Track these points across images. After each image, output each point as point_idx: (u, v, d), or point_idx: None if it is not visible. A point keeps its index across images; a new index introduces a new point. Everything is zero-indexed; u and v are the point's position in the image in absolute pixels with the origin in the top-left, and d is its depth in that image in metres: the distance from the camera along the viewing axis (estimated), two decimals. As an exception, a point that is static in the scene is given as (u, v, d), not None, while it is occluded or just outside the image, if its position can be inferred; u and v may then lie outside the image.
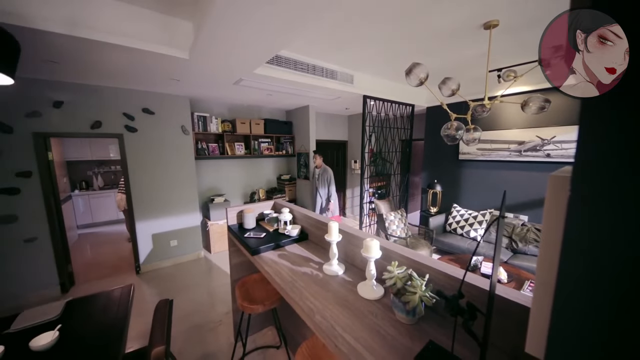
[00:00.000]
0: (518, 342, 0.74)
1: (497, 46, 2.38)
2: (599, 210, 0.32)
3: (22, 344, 1.25)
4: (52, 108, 2.81)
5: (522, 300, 0.76)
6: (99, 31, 1.80)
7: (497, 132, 3.86)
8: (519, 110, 3.54)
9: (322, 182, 3.93)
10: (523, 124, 3.62)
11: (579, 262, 0.33)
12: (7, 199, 2.67)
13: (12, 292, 2.77)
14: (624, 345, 0.30)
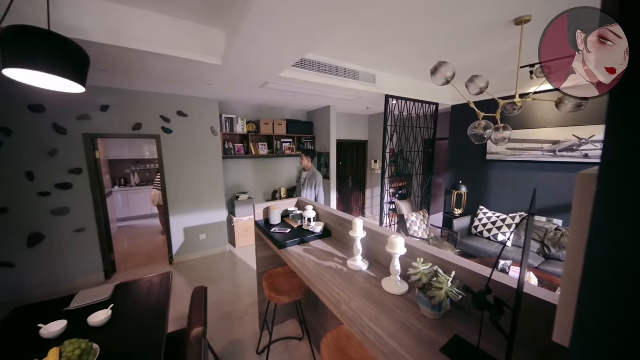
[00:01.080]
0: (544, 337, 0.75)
1: (529, 42, 2.28)
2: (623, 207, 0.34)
3: (80, 319, 1.44)
4: (99, 111, 3.13)
5: (549, 298, 0.77)
6: (143, 41, 1.99)
7: (529, 131, 3.67)
8: (553, 108, 3.32)
9: (309, 186, 3.40)
10: (558, 123, 3.41)
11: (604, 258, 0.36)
12: (61, 193, 3.01)
13: (65, 276, 3.13)
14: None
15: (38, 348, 1.23)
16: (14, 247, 2.84)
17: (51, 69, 0.84)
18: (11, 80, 2.62)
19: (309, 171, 3.46)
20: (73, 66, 0.91)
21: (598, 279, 0.36)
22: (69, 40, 0.88)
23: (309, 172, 3.46)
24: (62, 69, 0.87)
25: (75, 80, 0.93)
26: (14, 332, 1.39)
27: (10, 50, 0.80)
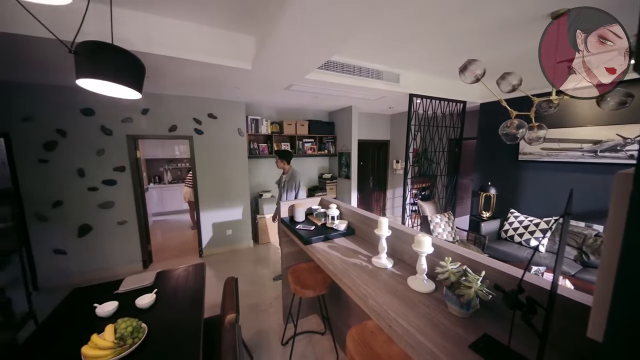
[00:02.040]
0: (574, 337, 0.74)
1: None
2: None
3: (128, 301, 1.60)
4: (140, 114, 3.41)
5: (581, 298, 0.75)
6: (181, 50, 2.15)
7: (567, 130, 3.43)
8: (594, 106, 3.09)
9: (289, 188, 3.19)
10: (599, 121, 3.16)
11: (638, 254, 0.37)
12: (107, 189, 3.33)
13: (108, 264, 3.45)
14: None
15: (94, 324, 1.40)
16: (67, 237, 3.20)
17: (116, 79, 0.97)
18: (66, 87, 2.91)
19: (288, 173, 3.25)
20: (133, 75, 1.04)
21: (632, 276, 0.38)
22: (129, 53, 1.01)
23: (287, 175, 3.25)
24: (125, 78, 1.00)
25: (134, 88, 1.06)
26: (74, 309, 1.58)
27: (83, 63, 0.94)
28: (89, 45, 0.93)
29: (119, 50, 0.98)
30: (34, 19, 1.23)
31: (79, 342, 1.22)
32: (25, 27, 1.62)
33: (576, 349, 0.75)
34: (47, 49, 1.94)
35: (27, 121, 2.90)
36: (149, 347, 1.25)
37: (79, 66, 0.95)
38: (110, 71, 0.95)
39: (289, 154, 3.30)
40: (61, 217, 3.12)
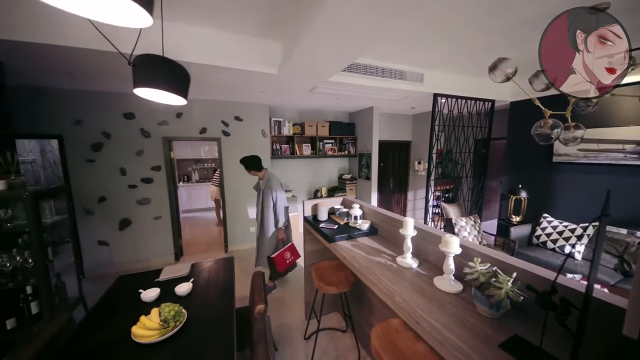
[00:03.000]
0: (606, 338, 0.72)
1: (610, 29, 2.02)
2: None
3: (168, 289, 1.75)
4: (175, 118, 3.67)
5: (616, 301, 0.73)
6: (212, 57, 2.28)
7: (607, 129, 3.19)
8: (637, 104, 2.86)
9: (267, 193, 2.92)
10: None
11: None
12: (145, 187, 3.61)
13: (143, 256, 3.73)
14: None
15: (139, 308, 1.55)
16: (109, 230, 3.51)
17: (167, 87, 1.09)
18: (111, 93, 3.17)
19: (264, 179, 2.99)
20: (180, 84, 1.16)
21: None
22: (177, 63, 1.13)
23: (264, 181, 2.99)
24: (174, 87, 1.12)
25: (181, 95, 1.18)
26: (121, 294, 1.76)
27: (140, 74, 1.06)
28: (145, 58, 1.06)
29: (169, 61, 1.10)
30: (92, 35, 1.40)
31: (128, 322, 1.37)
32: (90, 42, 1.83)
33: (608, 350, 0.73)
34: (102, 60, 2.16)
35: (77, 124, 3.23)
36: (189, 330, 1.37)
37: (136, 77, 1.08)
38: (162, 81, 1.07)
39: (254, 161, 2.94)
40: (105, 212, 3.44)
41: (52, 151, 4.71)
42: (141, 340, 1.25)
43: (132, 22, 0.52)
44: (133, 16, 0.51)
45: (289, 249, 3.01)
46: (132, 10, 0.48)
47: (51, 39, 1.78)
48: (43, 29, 1.76)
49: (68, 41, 1.80)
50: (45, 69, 2.43)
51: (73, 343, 1.31)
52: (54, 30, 1.77)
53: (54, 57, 2.08)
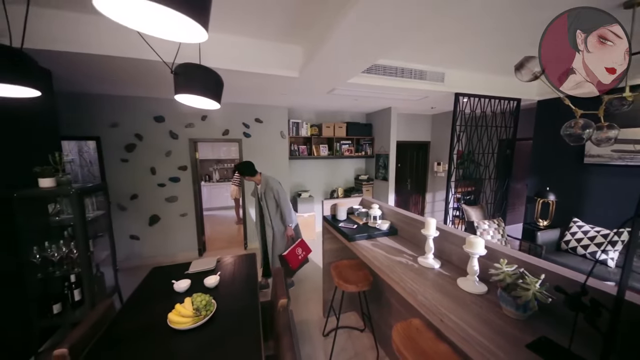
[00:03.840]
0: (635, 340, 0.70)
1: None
2: None
3: (198, 281, 1.86)
4: (200, 120, 3.86)
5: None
6: (238, 62, 2.40)
7: (649, 128, 2.98)
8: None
9: (268, 198, 2.87)
10: (697, 118, 2.68)
11: None
12: (173, 185, 3.82)
13: (170, 250, 3.95)
14: None
15: (172, 297, 1.67)
16: (140, 225, 3.75)
17: (205, 93, 1.19)
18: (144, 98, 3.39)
19: (262, 183, 2.91)
20: (216, 89, 1.25)
21: None
22: (213, 71, 1.22)
23: (262, 185, 2.91)
24: (210, 92, 1.21)
25: (216, 100, 1.27)
26: (155, 284, 1.89)
27: (181, 82, 1.16)
28: (185, 67, 1.16)
29: (207, 69, 1.20)
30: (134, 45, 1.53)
31: (163, 310, 1.48)
32: (132, 51, 2.02)
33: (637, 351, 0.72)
34: (139, 67, 2.34)
35: (113, 127, 3.49)
36: (218, 319, 1.46)
37: (177, 84, 1.18)
38: (201, 87, 1.17)
39: (246, 166, 2.88)
40: (136, 208, 3.68)
41: (88, 151, 5.09)
42: (176, 326, 1.36)
43: (190, 38, 0.59)
44: (192, 33, 0.59)
45: (300, 245, 2.98)
46: (192, 28, 0.56)
47: (96, 49, 1.96)
48: (89, 40, 1.94)
49: (112, 51, 1.97)
50: (88, 76, 2.66)
51: (115, 326, 1.44)
52: (100, 41, 1.95)
53: (97, 65, 2.28)
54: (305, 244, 3.06)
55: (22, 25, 1.03)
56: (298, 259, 2.91)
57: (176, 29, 0.59)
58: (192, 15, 0.51)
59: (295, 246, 2.95)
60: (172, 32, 0.60)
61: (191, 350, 1.26)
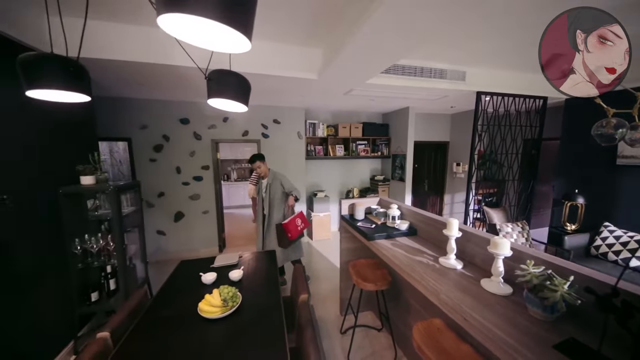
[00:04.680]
0: None
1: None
2: None
3: (222, 274, 1.95)
4: (222, 122, 4.02)
5: None
6: (260, 66, 2.48)
7: (694, 127, 2.76)
8: None
9: (274, 192, 2.90)
10: None
11: None
12: (196, 184, 4.01)
13: (192, 246, 4.13)
14: None
15: (200, 288, 1.77)
16: (166, 221, 3.96)
17: (235, 97, 1.27)
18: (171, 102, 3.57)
19: (269, 176, 2.94)
20: (245, 93, 1.33)
21: None
22: (242, 76, 1.30)
23: (269, 177, 2.94)
24: (240, 96, 1.29)
25: (244, 103, 1.35)
26: (184, 276, 2.01)
27: (214, 87, 1.25)
28: (218, 73, 1.24)
29: (236, 75, 1.27)
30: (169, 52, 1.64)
31: (192, 299, 1.58)
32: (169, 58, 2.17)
33: None
34: (171, 73, 2.50)
35: (143, 129, 3.71)
36: (243, 311, 1.54)
37: (210, 89, 1.27)
38: (231, 92, 1.25)
39: (259, 154, 2.97)
40: (163, 205, 3.90)
41: (118, 152, 5.42)
42: (206, 315, 1.45)
43: (236, 49, 0.65)
44: (239, 44, 0.65)
45: (299, 216, 2.87)
46: (239, 40, 0.62)
47: (134, 57, 2.12)
48: (124, 47, 2.10)
49: (145, 58, 2.13)
50: (121, 82, 2.86)
51: (150, 313, 1.55)
52: (137, 48, 2.11)
53: (130, 71, 2.45)
54: (304, 216, 2.95)
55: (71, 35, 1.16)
56: (297, 229, 2.82)
57: (225, 41, 0.65)
58: (241, 29, 0.57)
59: (296, 217, 2.82)
60: (221, 44, 0.66)
61: (220, 338, 1.34)
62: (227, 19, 0.54)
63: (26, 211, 1.85)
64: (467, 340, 1.23)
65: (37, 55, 1.12)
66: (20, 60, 1.09)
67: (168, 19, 0.55)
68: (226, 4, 0.52)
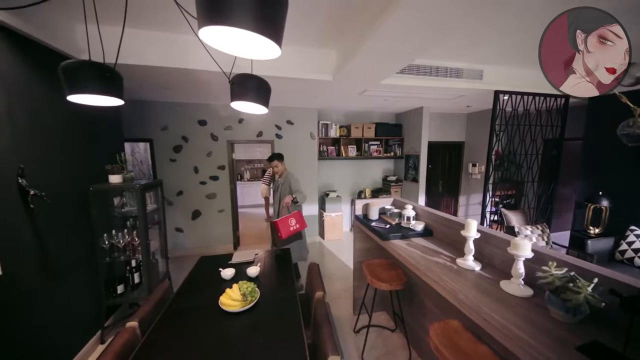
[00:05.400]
0: None
1: None
2: None
3: (239, 270, 2.02)
4: (237, 123, 4.14)
5: None
6: (277, 69, 2.54)
7: None
8: None
9: (285, 191, 2.97)
10: None
11: None
12: (213, 184, 4.14)
13: (208, 243, 4.27)
14: None
15: (220, 283, 1.84)
16: (184, 219, 4.11)
17: (257, 99, 1.33)
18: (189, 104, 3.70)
19: (283, 176, 3.02)
20: (266, 96, 1.38)
21: None
22: (263, 79, 1.35)
23: (282, 177, 3.01)
24: (261, 99, 1.35)
25: (265, 105, 1.41)
26: (204, 271, 2.09)
27: (237, 90, 1.31)
28: (242, 77, 1.30)
29: (258, 78, 1.33)
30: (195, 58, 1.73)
31: (212, 293, 1.65)
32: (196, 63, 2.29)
33: None
34: (194, 77, 2.60)
35: (164, 130, 3.87)
36: (261, 306, 1.59)
37: (234, 92, 1.33)
38: (254, 95, 1.30)
39: (279, 154, 3.08)
40: (181, 203, 4.05)
41: (139, 152, 5.66)
42: (227, 308, 1.51)
43: (267, 56, 0.70)
44: (269, 51, 0.69)
45: (294, 216, 2.76)
46: (271, 47, 0.66)
47: (160, 62, 2.24)
48: (154, 53, 2.21)
49: (173, 63, 2.25)
50: (149, 86, 3.00)
51: (174, 305, 1.64)
52: (163, 54, 2.23)
53: (159, 76, 2.58)
54: (302, 217, 2.80)
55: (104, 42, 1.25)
56: (289, 229, 2.68)
57: (258, 49, 0.70)
58: (274, 38, 0.62)
59: (290, 216, 2.74)
60: (254, 52, 0.71)
61: (240, 330, 1.40)
62: (262, 29, 0.58)
63: (60, 207, 1.98)
64: (484, 342, 1.22)
65: (78, 63, 1.21)
66: (63, 67, 1.18)
67: (209, 31, 0.60)
68: (262, 16, 0.57)
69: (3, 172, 1.53)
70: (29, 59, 1.74)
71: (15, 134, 1.61)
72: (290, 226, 2.68)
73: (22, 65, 1.69)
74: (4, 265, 1.49)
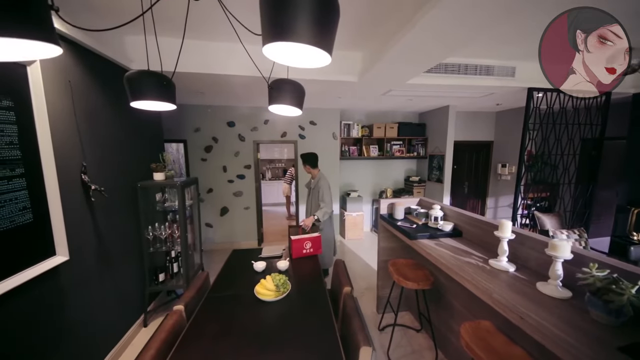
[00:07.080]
0: None
1: None
2: None
3: (270, 264, 2.13)
4: (263, 124, 4.31)
5: None
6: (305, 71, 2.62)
7: None
8: None
9: (312, 197, 3.11)
10: None
11: None
12: (239, 182, 4.35)
13: (235, 238, 4.48)
14: None
15: (252, 275, 1.96)
16: (214, 215, 4.35)
17: (291, 102, 1.42)
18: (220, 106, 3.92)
19: (316, 179, 3.14)
20: (300, 98, 1.47)
21: None
22: (299, 84, 1.44)
23: (315, 180, 3.14)
24: (296, 101, 1.44)
25: (299, 107, 1.50)
26: (237, 263, 2.23)
27: (275, 94, 1.41)
28: (279, 82, 1.40)
29: (294, 82, 1.42)
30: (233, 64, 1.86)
31: (246, 283, 1.77)
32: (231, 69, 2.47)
33: None
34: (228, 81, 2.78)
35: (196, 131, 4.13)
36: (293, 297, 1.69)
37: (271, 96, 1.43)
38: (289, 98, 1.40)
39: (313, 157, 3.15)
40: (211, 200, 4.30)
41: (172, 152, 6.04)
42: (262, 297, 1.62)
43: (319, 64, 0.78)
44: (322, 60, 0.77)
45: (312, 240, 2.57)
46: (323, 57, 0.74)
47: (199, 69, 2.43)
48: (196, 61, 2.40)
49: (211, 69, 2.44)
50: (186, 90, 3.23)
51: (215, 291, 1.78)
52: (203, 61, 2.42)
53: (198, 81, 2.78)
54: (319, 242, 2.60)
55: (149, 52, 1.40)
56: (302, 251, 2.53)
57: (311, 59, 0.78)
58: (328, 50, 0.69)
59: (306, 239, 2.57)
60: (308, 62, 0.79)
61: (275, 318, 1.50)
62: (320, 43, 0.66)
63: (114, 201, 2.21)
64: (519, 344, 1.22)
65: (141, 73, 1.37)
66: (127, 77, 1.35)
67: (273, 46, 0.68)
68: (321, 32, 0.65)
69: (71, 169, 1.75)
70: (90, 70, 1.97)
71: (80, 136, 1.84)
72: (304, 249, 2.52)
73: (85, 76, 1.92)
74: (70, 250, 1.70)
